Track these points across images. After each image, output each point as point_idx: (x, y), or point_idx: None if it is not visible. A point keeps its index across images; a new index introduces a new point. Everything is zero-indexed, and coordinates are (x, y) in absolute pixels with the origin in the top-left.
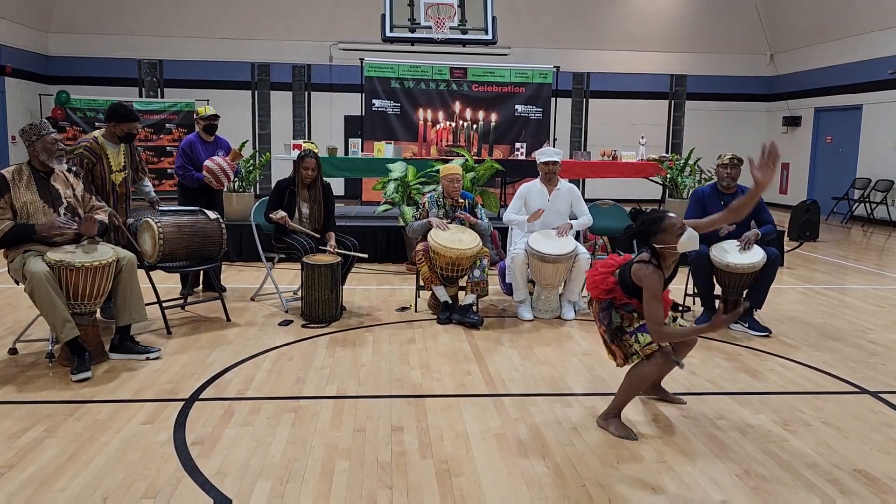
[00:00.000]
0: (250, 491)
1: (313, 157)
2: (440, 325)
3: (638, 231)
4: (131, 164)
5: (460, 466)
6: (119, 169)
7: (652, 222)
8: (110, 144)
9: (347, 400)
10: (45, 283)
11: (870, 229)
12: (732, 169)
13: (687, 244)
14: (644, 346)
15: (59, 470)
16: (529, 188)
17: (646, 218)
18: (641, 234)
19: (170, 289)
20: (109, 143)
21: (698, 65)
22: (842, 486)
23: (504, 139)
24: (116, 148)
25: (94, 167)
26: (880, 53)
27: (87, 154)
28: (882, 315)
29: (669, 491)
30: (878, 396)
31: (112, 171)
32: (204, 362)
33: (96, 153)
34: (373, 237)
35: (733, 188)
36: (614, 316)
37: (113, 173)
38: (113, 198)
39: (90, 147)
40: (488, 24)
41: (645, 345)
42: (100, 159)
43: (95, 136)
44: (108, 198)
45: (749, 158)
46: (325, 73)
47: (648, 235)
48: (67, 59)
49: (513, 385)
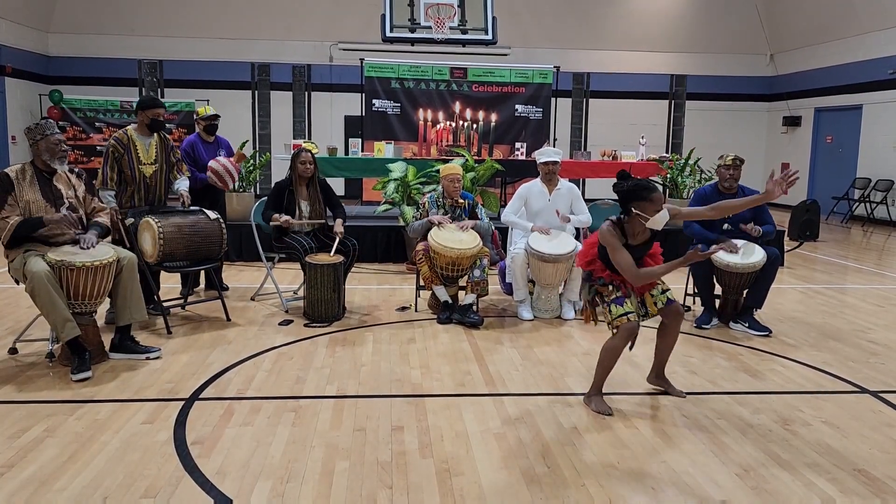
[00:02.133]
0: (250, 491)
1: (308, 152)
2: (440, 325)
3: (626, 190)
4: (166, 160)
5: (460, 466)
6: (150, 162)
7: (642, 188)
8: (141, 137)
9: (347, 400)
10: (46, 283)
11: (870, 229)
12: (735, 170)
13: (658, 221)
14: (614, 318)
15: (59, 470)
16: (529, 188)
17: (638, 182)
18: (628, 193)
19: (170, 289)
20: (140, 135)
21: (698, 65)
22: (842, 486)
23: (504, 139)
24: (148, 140)
25: (121, 158)
26: (880, 53)
27: (115, 144)
28: (882, 315)
29: (669, 491)
30: (878, 396)
31: (141, 162)
32: (204, 362)
33: (123, 144)
34: (373, 237)
35: (734, 188)
36: (589, 288)
37: (142, 165)
38: (143, 189)
39: (118, 138)
40: (488, 24)
41: (615, 317)
42: (127, 150)
43: (126, 129)
44: (139, 189)
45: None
46: (325, 73)
47: (632, 198)
48: (67, 59)
49: (513, 385)
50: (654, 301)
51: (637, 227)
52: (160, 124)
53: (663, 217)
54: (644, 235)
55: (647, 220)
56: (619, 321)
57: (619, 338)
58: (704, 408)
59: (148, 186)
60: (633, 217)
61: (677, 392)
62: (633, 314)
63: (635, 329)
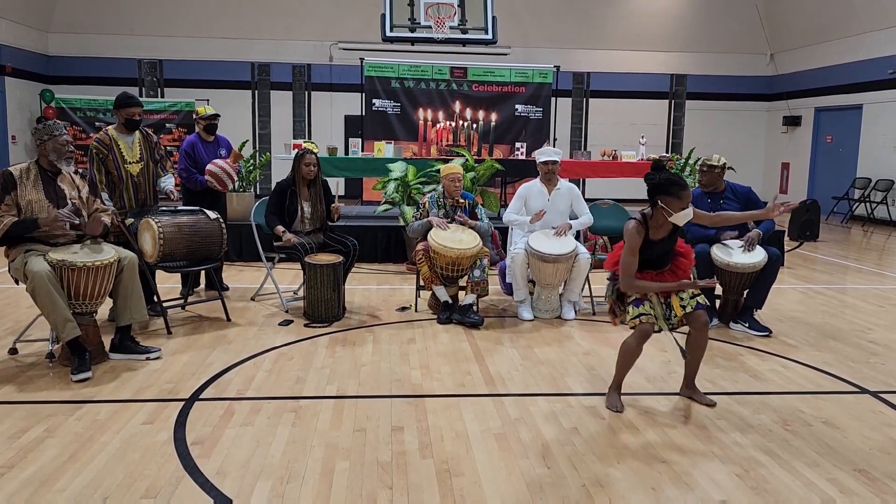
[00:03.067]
0: (250, 491)
1: (313, 154)
2: (440, 325)
3: (657, 182)
4: (151, 157)
5: (460, 466)
6: (134, 160)
7: (674, 184)
8: (122, 136)
9: (347, 400)
10: (47, 283)
11: (870, 229)
12: (704, 175)
13: (681, 217)
14: (631, 319)
15: (59, 470)
16: (529, 188)
17: (671, 177)
18: (659, 185)
19: (170, 289)
20: (121, 134)
21: (698, 64)
22: (842, 486)
23: (504, 139)
24: (129, 139)
25: (106, 159)
26: (880, 53)
27: (97, 145)
28: (882, 315)
29: (669, 491)
30: (878, 396)
31: (126, 161)
32: (204, 362)
33: (106, 144)
34: (373, 237)
35: (720, 188)
36: (612, 288)
37: (128, 164)
38: (131, 188)
39: (100, 139)
40: (488, 24)
41: (631, 317)
42: (111, 150)
43: (107, 129)
44: (126, 188)
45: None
46: (325, 72)
47: (661, 191)
48: (67, 59)
49: (513, 385)
50: (681, 304)
51: (660, 220)
52: (135, 123)
53: (687, 214)
54: (665, 230)
55: (670, 214)
56: (633, 322)
57: (633, 338)
58: (704, 408)
59: (136, 185)
60: (658, 210)
61: (707, 401)
62: (650, 316)
63: (650, 331)
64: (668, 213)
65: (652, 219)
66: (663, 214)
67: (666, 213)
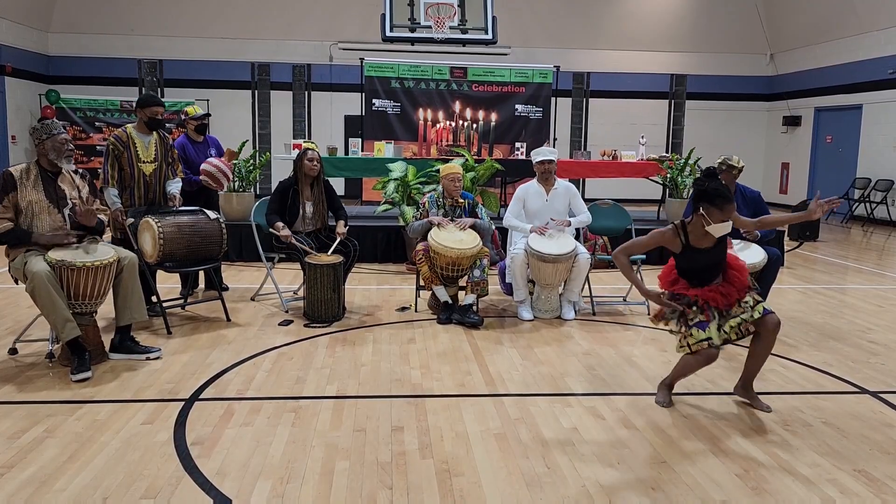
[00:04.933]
0: (250, 491)
1: (314, 150)
2: (440, 325)
3: (704, 189)
4: (165, 159)
5: (460, 466)
6: (149, 160)
7: (720, 195)
8: (141, 135)
9: (347, 400)
10: (47, 283)
11: (870, 229)
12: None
13: (717, 229)
14: (695, 343)
15: (59, 470)
16: (527, 189)
17: (720, 187)
18: (705, 193)
19: (170, 289)
20: (140, 133)
21: (698, 65)
22: (842, 486)
23: (504, 139)
24: (147, 139)
25: (121, 156)
26: (880, 53)
27: (114, 142)
28: (882, 315)
29: (669, 491)
30: (878, 396)
31: (141, 160)
32: (204, 362)
33: (123, 141)
34: (373, 237)
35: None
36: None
37: (142, 163)
38: (142, 187)
39: (118, 135)
40: (488, 24)
41: (697, 341)
42: (127, 148)
43: (125, 127)
44: (137, 187)
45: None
46: (325, 72)
47: (705, 199)
48: (67, 59)
49: (513, 385)
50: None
51: (698, 228)
52: (159, 123)
53: (724, 228)
54: (709, 240)
55: (708, 223)
56: (697, 346)
57: (696, 360)
58: (704, 408)
59: (147, 185)
60: (697, 216)
61: (763, 406)
62: (714, 339)
63: (715, 356)
64: (707, 223)
65: (691, 224)
66: (702, 222)
67: (704, 222)
